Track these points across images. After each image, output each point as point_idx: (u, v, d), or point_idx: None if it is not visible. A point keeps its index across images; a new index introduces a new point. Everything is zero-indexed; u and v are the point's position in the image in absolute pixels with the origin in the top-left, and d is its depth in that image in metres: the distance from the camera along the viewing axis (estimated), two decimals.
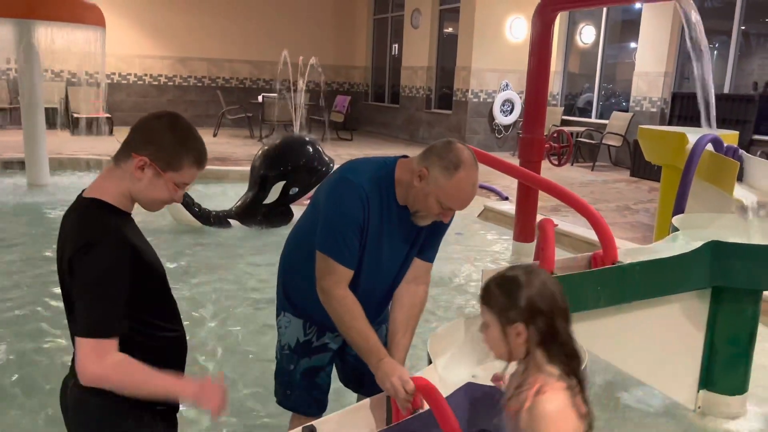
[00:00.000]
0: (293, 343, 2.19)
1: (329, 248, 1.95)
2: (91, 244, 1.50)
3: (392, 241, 2.03)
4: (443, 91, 13.62)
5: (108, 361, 1.49)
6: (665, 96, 10.17)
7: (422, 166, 1.91)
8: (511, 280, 1.50)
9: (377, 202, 1.96)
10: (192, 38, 14.20)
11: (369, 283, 2.05)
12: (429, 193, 1.90)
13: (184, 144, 1.60)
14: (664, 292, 2.61)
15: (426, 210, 1.94)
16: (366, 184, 1.94)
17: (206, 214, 6.07)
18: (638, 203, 7.84)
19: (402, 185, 1.97)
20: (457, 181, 1.88)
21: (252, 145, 11.43)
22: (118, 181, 1.60)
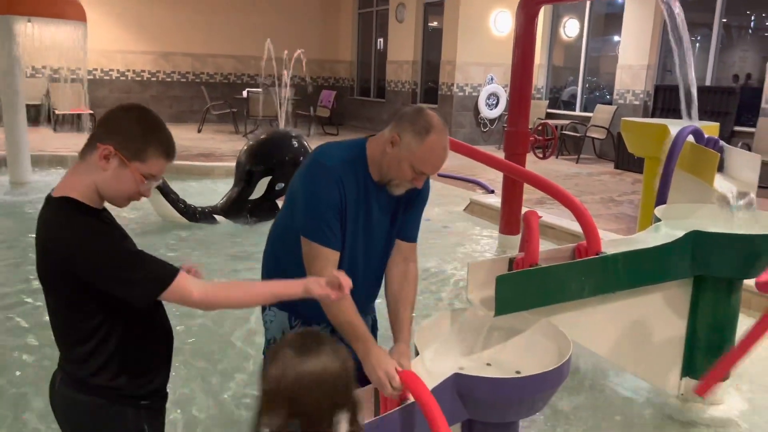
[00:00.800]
0: (279, 337, 2.16)
1: (312, 232, 1.95)
2: (81, 234, 1.49)
3: (372, 220, 2.05)
4: (429, 85, 13.63)
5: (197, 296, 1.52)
6: (648, 89, 10.25)
7: (394, 133, 1.94)
8: None
9: (353, 182, 1.97)
10: (175, 33, 14.08)
11: (355, 264, 2.05)
12: (402, 158, 1.93)
13: (150, 134, 1.58)
14: (646, 282, 2.65)
15: (400, 177, 1.96)
16: (339, 167, 1.96)
17: (192, 211, 6.04)
18: (622, 195, 7.92)
19: (375, 161, 2.00)
20: (428, 144, 1.91)
21: (237, 140, 11.38)
22: (84, 176, 1.56)
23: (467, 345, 2.22)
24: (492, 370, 2.11)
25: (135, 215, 6.17)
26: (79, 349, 1.58)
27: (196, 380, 3.23)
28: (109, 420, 1.63)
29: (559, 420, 2.93)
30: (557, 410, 2.98)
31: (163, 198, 5.86)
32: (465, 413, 1.90)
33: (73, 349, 1.60)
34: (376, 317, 2.37)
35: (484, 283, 2.25)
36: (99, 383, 1.60)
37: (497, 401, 1.89)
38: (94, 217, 1.55)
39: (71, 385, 1.63)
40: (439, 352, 2.15)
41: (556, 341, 2.10)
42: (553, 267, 2.27)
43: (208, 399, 3.07)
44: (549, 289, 2.28)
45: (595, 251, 2.36)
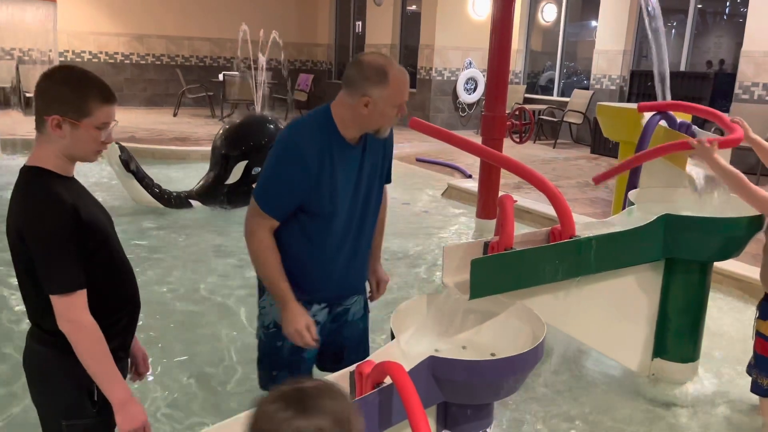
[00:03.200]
0: (279, 319, 2.20)
1: (259, 197, 2.11)
2: (32, 210, 1.58)
3: (352, 175, 2.16)
4: (407, 69, 13.50)
5: (79, 321, 1.60)
6: (624, 74, 10.34)
7: (360, 96, 2.04)
8: None
9: (318, 149, 2.06)
10: (149, 15, 13.80)
11: (349, 222, 2.20)
12: (383, 108, 2.05)
13: (82, 89, 1.63)
14: (619, 265, 2.68)
15: (387, 121, 2.10)
16: (304, 139, 2.08)
17: (167, 196, 5.96)
18: None
19: (346, 122, 2.10)
20: (393, 82, 2.04)
21: (213, 124, 11.24)
22: (48, 146, 1.64)
23: (443, 328, 2.23)
24: (468, 352, 2.13)
25: (109, 199, 6.08)
26: (39, 301, 1.65)
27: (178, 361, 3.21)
28: (63, 372, 1.70)
29: (533, 401, 2.98)
30: (531, 391, 3.03)
31: (137, 183, 5.78)
32: (440, 395, 1.91)
33: (35, 303, 1.69)
34: (367, 297, 2.53)
35: (460, 266, 2.26)
36: (57, 336, 1.65)
37: (472, 383, 1.90)
38: (59, 187, 1.62)
39: (34, 337, 1.74)
40: (415, 335, 2.16)
41: (530, 324, 2.12)
42: (527, 250, 2.29)
43: (191, 379, 3.06)
44: (523, 272, 2.30)
45: (569, 235, 2.38)
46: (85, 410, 1.73)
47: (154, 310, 3.80)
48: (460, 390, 1.92)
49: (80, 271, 1.61)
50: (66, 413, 1.73)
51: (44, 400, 1.76)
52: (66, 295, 1.59)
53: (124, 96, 13.84)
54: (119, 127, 1.77)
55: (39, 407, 1.79)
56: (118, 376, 1.68)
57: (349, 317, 2.42)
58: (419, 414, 1.56)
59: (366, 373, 1.77)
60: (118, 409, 1.66)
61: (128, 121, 11.20)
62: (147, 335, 3.47)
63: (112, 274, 1.76)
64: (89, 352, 1.63)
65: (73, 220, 1.60)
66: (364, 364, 1.80)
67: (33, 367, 1.76)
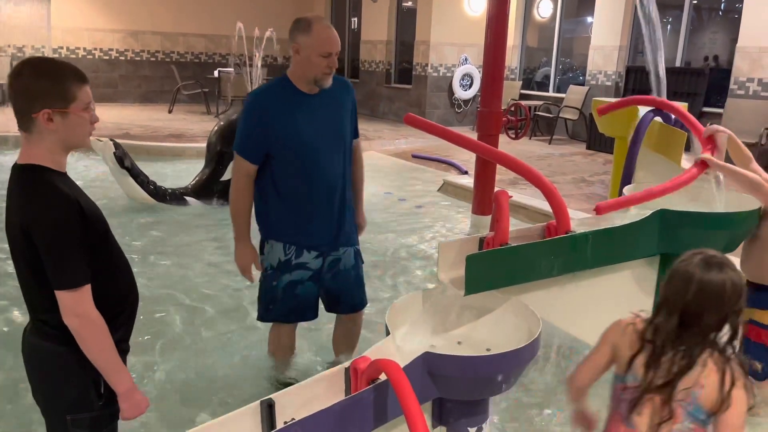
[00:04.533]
0: (275, 263, 2.65)
1: (236, 145, 2.55)
2: (39, 206, 1.58)
3: (324, 120, 2.56)
4: (403, 65, 13.55)
5: (87, 315, 1.62)
6: (620, 69, 10.34)
7: (293, 48, 2.48)
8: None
9: (273, 99, 2.51)
10: (144, 11, 13.74)
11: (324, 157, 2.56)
12: (309, 55, 2.46)
13: (60, 76, 1.64)
14: (615, 260, 2.68)
15: (317, 69, 2.48)
16: (262, 94, 2.55)
17: (162, 192, 5.95)
18: (594, 175, 8.01)
19: (297, 76, 2.52)
20: (316, 32, 2.46)
21: (209, 121, 11.21)
22: (42, 143, 1.64)
23: (439, 324, 2.23)
24: (463, 348, 2.13)
25: (103, 196, 6.05)
26: (44, 297, 1.66)
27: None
28: (67, 367, 1.71)
29: (529, 396, 2.98)
30: (527, 387, 3.03)
31: (132, 180, 5.76)
32: (435, 391, 1.91)
33: (39, 299, 1.69)
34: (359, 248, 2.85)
35: (455, 262, 2.26)
36: (61, 331, 1.66)
37: (467, 379, 1.90)
38: (60, 183, 1.64)
39: (36, 333, 1.74)
40: (410, 331, 2.16)
41: (525, 319, 2.12)
42: (522, 246, 2.29)
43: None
44: (519, 268, 2.29)
45: (565, 230, 2.37)
46: (91, 403, 1.75)
47: (152, 304, 3.79)
48: (455, 386, 1.91)
49: (86, 266, 1.63)
50: (72, 407, 1.74)
51: (49, 396, 1.77)
52: (74, 290, 1.60)
53: (119, 93, 13.79)
54: (114, 124, 1.78)
55: (42, 404, 1.80)
56: (123, 367, 1.73)
57: (341, 266, 2.76)
58: (415, 410, 1.55)
59: (361, 369, 1.77)
60: (124, 398, 1.71)
61: (123, 117, 11.17)
62: (145, 330, 3.47)
63: (112, 267, 1.77)
64: (97, 345, 1.65)
65: (78, 215, 1.62)
66: (359, 361, 1.80)
67: (37, 363, 1.76)
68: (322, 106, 2.56)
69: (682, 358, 1.61)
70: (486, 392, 2.02)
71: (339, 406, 1.65)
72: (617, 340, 1.75)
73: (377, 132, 11.19)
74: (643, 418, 1.66)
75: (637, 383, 1.67)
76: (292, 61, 2.51)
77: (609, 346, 1.80)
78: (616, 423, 1.76)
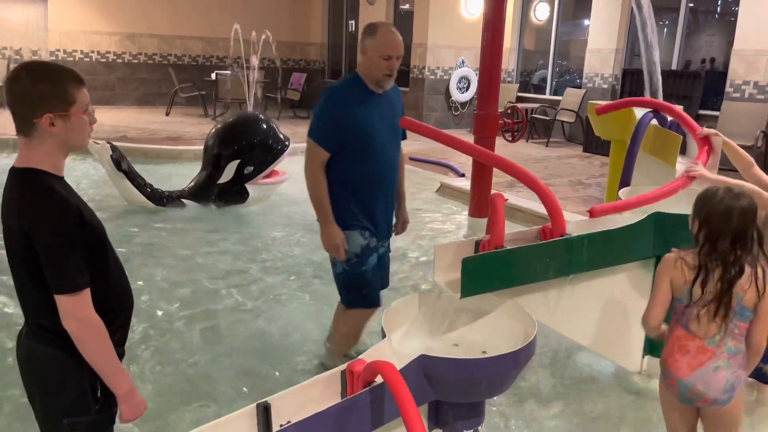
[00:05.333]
0: (359, 251, 2.86)
1: (311, 132, 2.78)
2: (40, 210, 1.58)
3: (385, 117, 2.82)
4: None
5: (87, 319, 1.62)
6: (616, 72, 10.37)
7: (361, 49, 2.76)
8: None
9: (347, 95, 2.78)
10: (141, 13, 13.73)
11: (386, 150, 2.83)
12: (372, 57, 2.72)
13: (59, 79, 1.64)
14: (610, 263, 2.69)
15: (380, 71, 2.73)
16: (337, 90, 2.83)
17: (159, 195, 5.94)
18: (590, 178, 8.03)
19: (365, 75, 2.78)
20: (381, 35, 2.73)
21: (206, 123, 11.21)
22: (42, 146, 1.64)
23: (435, 326, 2.24)
24: (459, 350, 2.14)
25: (100, 199, 6.05)
26: (41, 302, 1.66)
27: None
28: (65, 371, 1.71)
29: (525, 398, 2.99)
30: (523, 389, 3.04)
31: (129, 183, 5.76)
32: (432, 394, 1.91)
33: (38, 303, 1.68)
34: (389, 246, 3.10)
35: (451, 265, 2.26)
36: (59, 336, 1.66)
37: (463, 381, 1.91)
38: (59, 187, 1.64)
39: (33, 337, 1.73)
40: (407, 333, 2.17)
41: (521, 322, 2.13)
42: (518, 249, 2.29)
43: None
44: (514, 270, 2.30)
45: (560, 233, 2.38)
46: (88, 407, 1.74)
47: (150, 307, 3.79)
48: (451, 388, 1.92)
49: (86, 269, 1.63)
50: (68, 412, 1.74)
51: (46, 400, 1.76)
52: (74, 294, 1.60)
53: (116, 95, 13.78)
54: (111, 127, 1.79)
55: (39, 408, 1.79)
56: (122, 369, 1.73)
57: (386, 252, 3.09)
58: (412, 413, 1.56)
59: (357, 372, 1.77)
60: (124, 400, 1.71)
61: (120, 120, 11.16)
62: (144, 333, 3.47)
63: (109, 271, 1.77)
64: (97, 348, 1.65)
65: (78, 219, 1.62)
66: (355, 363, 1.80)
67: (33, 367, 1.76)
68: (385, 105, 2.84)
69: (734, 271, 2.02)
70: (482, 394, 2.03)
71: (335, 408, 1.65)
72: (672, 275, 2.13)
73: None
74: (701, 326, 2.09)
75: (695, 300, 2.07)
76: (361, 62, 2.79)
77: (667, 282, 2.15)
78: (678, 333, 2.15)
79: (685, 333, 2.12)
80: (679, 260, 2.13)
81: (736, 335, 2.09)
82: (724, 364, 2.08)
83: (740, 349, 2.10)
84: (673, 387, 2.15)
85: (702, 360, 2.08)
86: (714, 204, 2.04)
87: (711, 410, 2.15)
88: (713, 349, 2.08)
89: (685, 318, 2.12)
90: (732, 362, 2.09)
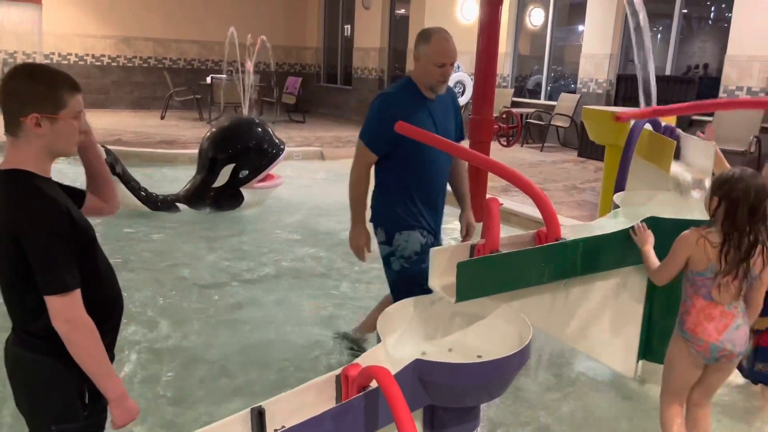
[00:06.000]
0: (418, 249, 2.92)
1: (362, 135, 2.87)
2: (29, 211, 1.57)
3: (437, 121, 2.87)
4: (396, 72, 13.60)
5: (78, 320, 1.61)
6: (611, 78, 10.42)
7: (414, 56, 2.83)
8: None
9: (400, 99, 2.84)
10: (136, 17, 13.74)
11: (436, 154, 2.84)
12: (425, 64, 2.77)
13: (52, 82, 1.64)
14: (605, 267, 2.70)
15: (434, 77, 2.78)
16: (391, 95, 2.88)
17: (153, 199, 5.92)
18: (585, 182, 8.05)
19: (419, 81, 2.83)
20: (434, 42, 2.76)
21: (201, 127, 11.19)
22: (28, 147, 1.63)
23: (430, 331, 2.23)
24: (454, 355, 2.14)
25: None
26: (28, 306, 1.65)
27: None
28: (51, 377, 1.69)
29: (520, 403, 2.98)
30: (518, 393, 3.04)
31: (123, 186, 5.74)
32: (427, 398, 1.91)
33: (24, 307, 1.67)
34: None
35: (446, 269, 2.26)
36: (46, 342, 1.65)
37: (458, 386, 1.90)
38: (47, 188, 1.62)
39: (20, 343, 1.72)
40: (402, 338, 2.17)
41: (516, 326, 2.13)
42: (513, 253, 2.29)
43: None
44: (509, 275, 2.30)
45: (555, 237, 2.39)
46: (76, 413, 1.73)
47: (141, 311, 3.77)
48: (446, 393, 1.92)
49: (76, 270, 1.61)
50: (57, 418, 1.73)
51: (34, 407, 1.74)
52: (65, 294, 1.58)
53: (111, 99, 13.76)
54: (106, 130, 1.78)
55: (28, 415, 1.78)
56: (114, 373, 1.71)
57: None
58: (406, 418, 1.55)
59: (352, 376, 1.77)
60: (116, 404, 1.69)
61: (115, 123, 11.14)
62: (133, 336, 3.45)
63: (98, 273, 1.76)
64: (88, 350, 1.63)
65: (67, 220, 1.61)
66: (349, 368, 1.80)
67: (21, 374, 1.74)
68: (438, 110, 2.90)
69: (751, 241, 2.26)
70: (477, 399, 2.03)
71: (330, 413, 1.65)
72: (693, 251, 2.34)
73: None
74: (722, 293, 2.32)
75: (715, 272, 2.30)
76: (414, 67, 2.86)
77: (684, 257, 2.37)
78: (700, 304, 2.37)
79: (708, 302, 2.35)
80: (701, 239, 2.32)
81: (742, 295, 2.39)
82: (742, 321, 2.37)
83: (744, 305, 2.40)
84: (704, 351, 2.38)
85: (727, 323, 2.35)
86: (734, 181, 2.27)
87: (727, 363, 2.43)
88: (733, 312, 2.36)
89: (705, 289, 2.35)
90: (745, 318, 2.39)
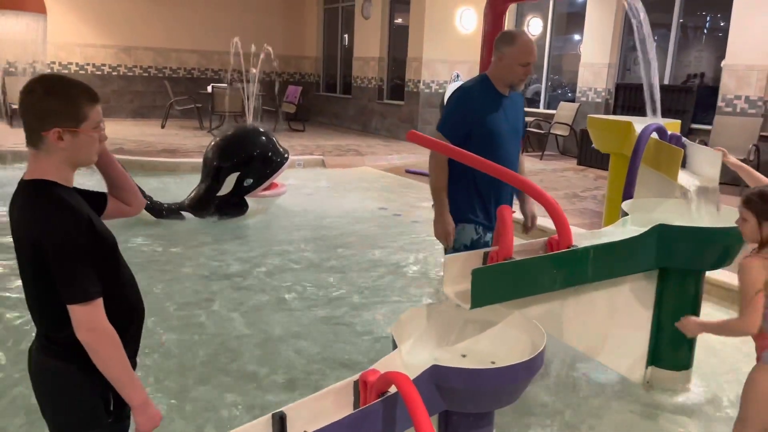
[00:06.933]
0: (468, 242, 3.07)
1: (440, 125, 3.06)
2: (51, 221, 1.57)
3: (509, 117, 3.06)
4: (395, 81, 13.65)
5: (101, 329, 1.61)
6: (609, 87, 10.49)
7: (497, 55, 2.99)
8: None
9: (477, 93, 3.02)
10: (137, 26, 13.79)
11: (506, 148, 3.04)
12: (510, 63, 2.94)
13: (72, 95, 1.64)
14: (615, 274, 2.72)
15: (516, 76, 2.97)
16: (469, 89, 3.06)
17: (158, 207, 5.94)
18: (586, 190, 8.09)
19: (497, 78, 3.02)
20: (521, 43, 2.94)
21: (202, 136, 11.22)
22: (49, 159, 1.65)
23: (443, 337, 2.25)
24: (468, 361, 2.15)
25: None
26: (52, 314, 1.65)
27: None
28: (76, 385, 1.70)
29: (531, 408, 2.99)
30: (529, 399, 3.05)
31: None
32: (442, 404, 1.92)
33: (48, 315, 1.68)
34: None
35: (460, 276, 2.28)
36: (70, 349, 1.65)
37: (473, 391, 1.92)
38: (69, 198, 1.64)
39: (43, 350, 1.72)
40: (416, 345, 2.18)
41: (529, 332, 2.14)
42: (527, 260, 2.31)
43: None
44: (523, 281, 2.32)
45: (567, 245, 2.41)
46: (100, 420, 1.73)
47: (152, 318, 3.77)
48: (462, 398, 1.93)
49: (97, 279, 1.62)
50: (81, 425, 1.73)
51: (60, 415, 1.75)
52: (86, 303, 1.59)
53: (112, 108, 13.78)
54: (107, 140, 1.78)
55: (51, 421, 1.78)
56: (137, 380, 1.71)
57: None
58: (425, 423, 1.57)
59: (371, 382, 1.78)
60: (139, 411, 1.69)
61: (116, 132, 11.15)
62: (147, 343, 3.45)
63: (120, 283, 1.77)
64: (111, 359, 1.64)
65: (88, 229, 1.62)
66: (368, 374, 1.81)
67: (46, 382, 1.74)
68: (509, 106, 3.07)
69: None
70: (492, 404, 2.04)
71: (350, 418, 1.66)
72: (765, 276, 2.26)
73: (370, 147, 11.25)
74: None
75: None
76: (494, 66, 3.01)
77: (762, 281, 2.26)
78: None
79: None
80: (765, 260, 2.29)
81: None
82: None
83: None
84: None
85: None
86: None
87: None
88: None
89: None
90: None
